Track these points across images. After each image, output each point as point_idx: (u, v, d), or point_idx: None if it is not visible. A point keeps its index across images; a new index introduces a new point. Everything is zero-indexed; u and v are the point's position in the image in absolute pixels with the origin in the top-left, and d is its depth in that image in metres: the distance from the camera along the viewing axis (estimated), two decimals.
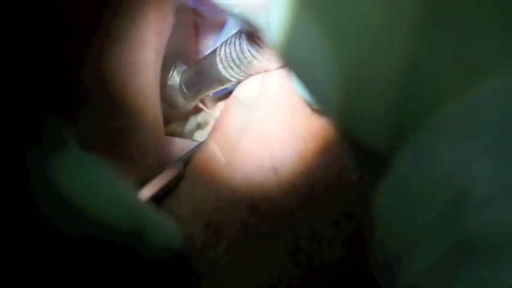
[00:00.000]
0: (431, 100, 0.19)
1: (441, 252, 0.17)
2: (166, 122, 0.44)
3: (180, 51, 0.43)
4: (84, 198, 0.22)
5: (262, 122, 0.34)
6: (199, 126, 0.45)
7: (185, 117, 0.45)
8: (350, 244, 0.33)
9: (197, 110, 0.45)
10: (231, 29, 0.39)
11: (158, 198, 0.33)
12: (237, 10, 0.25)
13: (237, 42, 0.34)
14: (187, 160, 0.36)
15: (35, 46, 0.30)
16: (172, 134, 0.44)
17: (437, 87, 0.19)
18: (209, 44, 0.44)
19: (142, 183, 0.33)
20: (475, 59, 0.18)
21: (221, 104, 0.44)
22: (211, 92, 0.40)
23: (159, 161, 0.36)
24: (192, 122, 0.45)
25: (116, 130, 0.35)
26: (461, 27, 0.19)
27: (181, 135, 0.44)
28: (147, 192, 0.32)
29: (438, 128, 0.18)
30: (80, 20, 0.34)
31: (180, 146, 0.39)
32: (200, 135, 0.44)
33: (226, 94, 0.41)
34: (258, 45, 0.33)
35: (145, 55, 0.36)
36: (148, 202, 0.31)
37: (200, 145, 0.37)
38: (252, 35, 0.33)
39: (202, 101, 0.43)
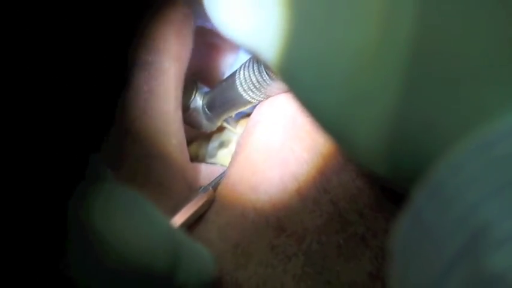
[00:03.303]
0: (437, 135, 0.21)
1: None
2: (189, 141, 0.45)
3: (201, 73, 0.45)
4: (123, 232, 0.24)
5: (282, 143, 0.36)
6: (222, 145, 0.46)
7: (208, 136, 0.47)
8: (378, 259, 0.34)
9: (220, 129, 0.46)
10: None
11: (190, 225, 0.35)
12: (240, 42, 0.27)
13: (255, 65, 0.36)
14: (217, 185, 0.37)
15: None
16: (196, 154, 0.46)
17: (447, 125, 0.20)
18: (230, 63, 0.46)
19: (173, 211, 0.34)
20: (484, 97, 0.20)
21: (244, 122, 0.46)
22: (234, 113, 0.42)
23: (187, 186, 0.38)
24: (215, 141, 0.47)
25: (140, 157, 0.37)
26: (465, 65, 0.20)
27: (204, 155, 0.46)
28: (178, 219, 0.34)
29: (452, 166, 0.19)
30: None
31: (207, 171, 0.41)
32: (223, 154, 0.46)
33: (250, 113, 0.42)
34: None
35: (165, 82, 0.38)
36: (180, 229, 0.33)
37: (227, 169, 0.39)
38: None
39: (226, 120, 0.45)
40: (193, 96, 0.42)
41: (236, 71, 0.39)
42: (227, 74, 0.46)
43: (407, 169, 0.22)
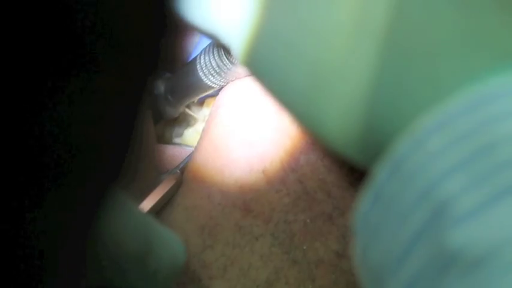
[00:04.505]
0: (405, 115, 0.21)
1: (423, 264, 0.19)
2: (154, 119, 0.45)
3: (166, 53, 0.45)
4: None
5: (247, 125, 0.36)
6: (188, 124, 0.46)
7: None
8: (345, 238, 0.35)
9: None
10: None
11: (159, 208, 0.35)
12: (203, 30, 0.27)
13: (215, 49, 0.37)
14: (184, 168, 0.38)
15: None
16: (162, 133, 0.46)
17: (410, 103, 0.21)
18: (192, 46, 0.46)
19: (140, 194, 0.35)
20: (446, 74, 0.20)
21: (210, 101, 0.46)
22: (195, 98, 0.42)
23: (153, 168, 0.38)
24: (181, 120, 0.47)
25: None
26: (427, 44, 0.20)
27: (170, 134, 0.46)
28: (147, 203, 0.34)
29: (413, 141, 0.20)
30: None
31: (173, 153, 0.41)
32: (189, 133, 0.46)
33: (214, 95, 0.43)
34: None
35: None
36: (149, 214, 0.33)
37: (193, 152, 0.39)
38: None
39: (188, 106, 0.45)
40: (154, 82, 0.42)
41: (197, 55, 0.39)
42: (190, 57, 0.46)
43: (376, 151, 0.22)
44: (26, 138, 0.17)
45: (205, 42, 0.42)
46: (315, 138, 0.25)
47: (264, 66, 0.25)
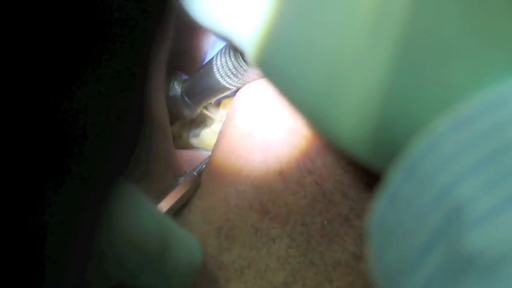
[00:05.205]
0: (418, 116, 0.21)
1: (439, 267, 0.19)
2: (172, 121, 0.46)
3: (181, 57, 0.45)
4: (121, 223, 0.24)
5: (264, 126, 0.36)
6: (205, 125, 0.47)
7: None
8: (362, 239, 0.35)
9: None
10: None
11: (176, 210, 0.36)
12: (217, 32, 0.27)
13: (232, 51, 0.37)
14: (201, 171, 0.38)
15: None
16: (179, 134, 0.47)
17: (423, 104, 0.21)
18: (210, 47, 0.46)
19: (158, 197, 0.35)
20: (460, 75, 0.21)
21: (227, 102, 0.46)
22: (212, 100, 0.42)
23: (170, 171, 0.38)
24: (198, 120, 0.47)
25: None
26: (441, 45, 0.21)
27: (187, 135, 0.47)
28: (164, 205, 0.34)
29: (427, 144, 0.20)
30: None
31: (190, 157, 0.42)
32: (206, 134, 0.46)
33: (230, 96, 0.43)
34: None
35: None
36: (166, 216, 0.33)
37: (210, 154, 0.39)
38: None
39: (206, 106, 0.45)
40: (171, 85, 0.42)
41: (213, 57, 0.39)
42: (207, 58, 0.46)
43: (387, 152, 0.23)
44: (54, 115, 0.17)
45: (221, 43, 0.42)
46: (328, 139, 0.25)
47: (276, 67, 0.25)
